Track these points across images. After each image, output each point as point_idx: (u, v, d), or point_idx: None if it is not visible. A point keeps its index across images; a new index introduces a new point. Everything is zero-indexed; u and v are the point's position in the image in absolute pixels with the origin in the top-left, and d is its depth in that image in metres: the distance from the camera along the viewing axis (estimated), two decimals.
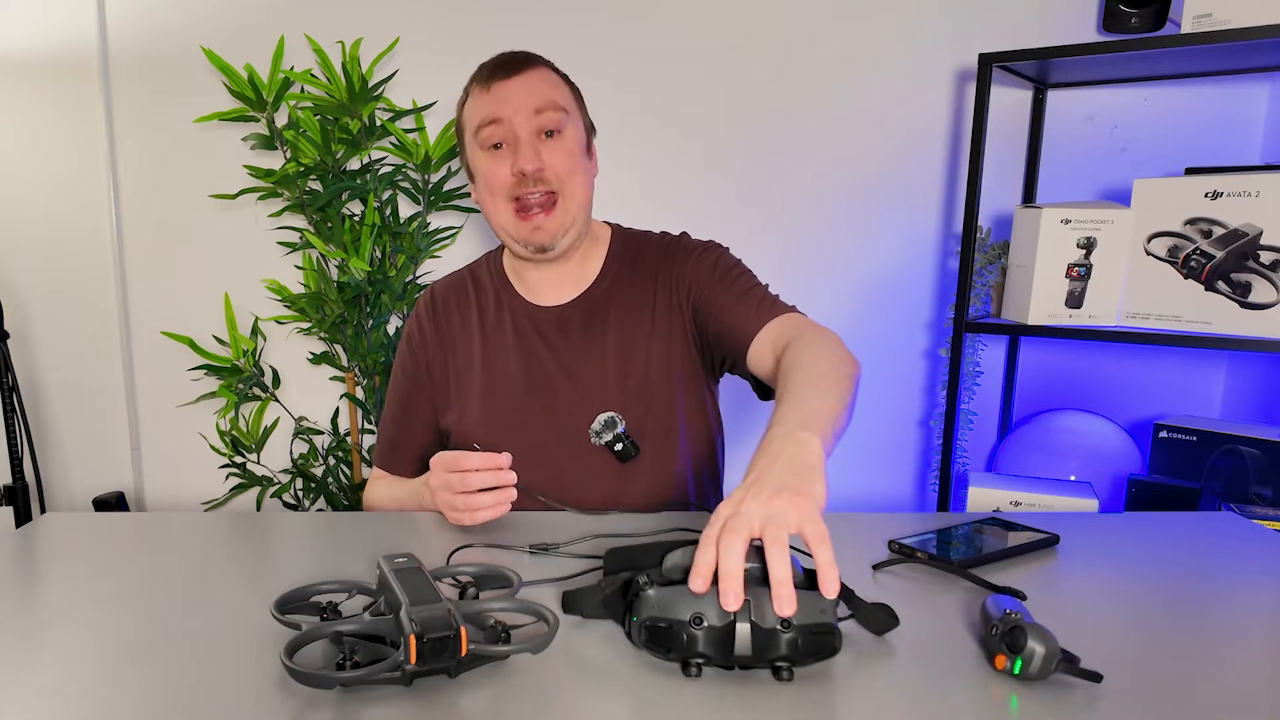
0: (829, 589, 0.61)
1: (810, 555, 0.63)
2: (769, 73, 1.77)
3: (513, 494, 0.93)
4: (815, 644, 0.61)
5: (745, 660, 0.61)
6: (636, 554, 0.74)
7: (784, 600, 0.59)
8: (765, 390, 1.09)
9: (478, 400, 1.14)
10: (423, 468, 1.11)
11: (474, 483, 0.92)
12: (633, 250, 1.17)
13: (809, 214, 1.82)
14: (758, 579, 0.62)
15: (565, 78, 1.12)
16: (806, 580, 0.64)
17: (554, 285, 1.15)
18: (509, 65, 1.07)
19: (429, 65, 1.76)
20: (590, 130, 1.14)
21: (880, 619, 0.68)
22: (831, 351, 0.91)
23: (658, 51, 1.76)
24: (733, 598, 0.59)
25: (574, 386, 1.11)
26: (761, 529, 0.62)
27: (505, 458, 0.92)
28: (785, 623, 0.61)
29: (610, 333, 1.12)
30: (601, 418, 1.09)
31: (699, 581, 0.61)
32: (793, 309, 1.06)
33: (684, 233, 1.20)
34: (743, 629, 0.61)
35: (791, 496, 0.64)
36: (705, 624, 0.61)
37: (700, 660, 0.61)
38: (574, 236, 1.10)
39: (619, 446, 1.08)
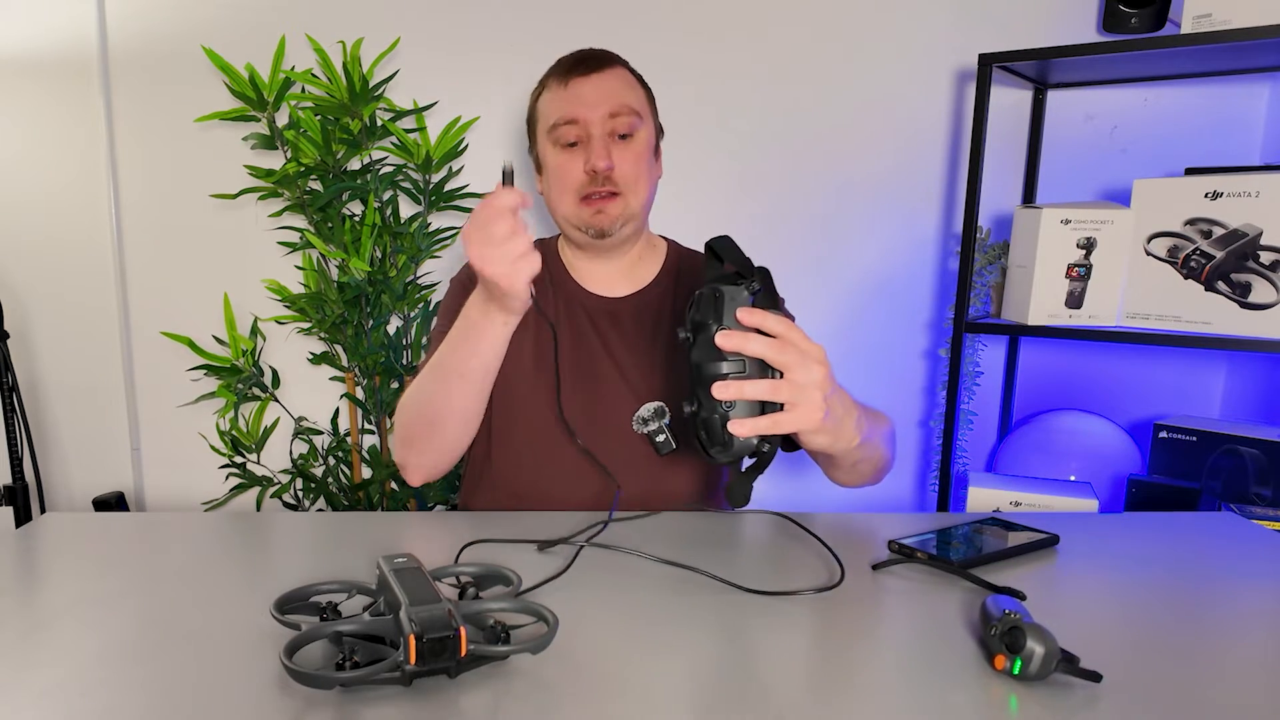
0: (738, 428, 0.75)
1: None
2: (769, 73, 1.77)
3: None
4: (720, 431, 0.76)
5: (699, 370, 0.78)
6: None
7: (729, 388, 0.75)
8: (789, 443, 1.09)
9: (514, 378, 1.13)
10: None
11: (513, 227, 0.83)
12: (690, 265, 1.19)
13: (809, 214, 1.82)
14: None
15: (640, 79, 1.14)
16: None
17: (609, 279, 1.16)
18: (588, 63, 1.09)
19: (430, 65, 1.76)
20: (659, 133, 1.17)
21: (736, 491, 0.81)
22: (880, 418, 1.02)
23: (658, 52, 1.76)
24: (726, 339, 0.75)
25: (619, 375, 1.12)
26: (798, 392, 0.75)
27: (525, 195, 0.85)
28: (728, 404, 0.76)
29: (660, 339, 1.14)
30: (651, 405, 1.10)
31: (727, 339, 0.75)
32: None
33: None
34: (718, 368, 0.76)
35: (825, 410, 0.77)
36: (711, 334, 0.76)
37: (688, 336, 0.79)
38: (632, 229, 1.12)
39: (661, 437, 1.08)
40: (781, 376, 0.76)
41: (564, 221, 1.13)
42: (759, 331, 0.76)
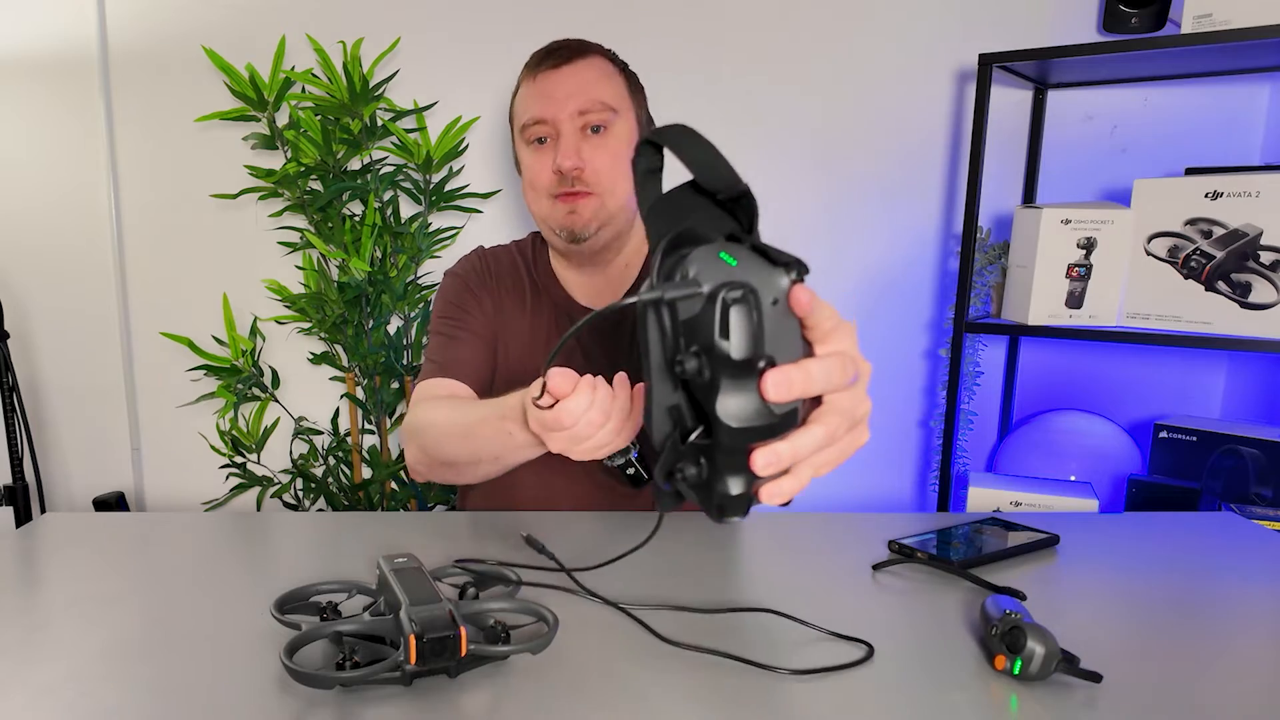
0: (772, 389, 0.45)
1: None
2: (768, 73, 1.77)
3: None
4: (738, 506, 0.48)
5: (717, 382, 0.46)
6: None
7: (783, 387, 0.46)
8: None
9: (505, 383, 1.11)
10: (480, 372, 1.06)
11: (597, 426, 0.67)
12: None
13: (808, 214, 1.82)
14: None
15: (621, 67, 1.08)
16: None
17: (597, 290, 1.12)
18: (557, 54, 1.03)
19: (430, 65, 1.76)
20: (647, 124, 1.10)
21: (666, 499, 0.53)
22: None
23: (658, 51, 1.76)
24: (783, 390, 0.45)
25: None
26: (840, 399, 0.50)
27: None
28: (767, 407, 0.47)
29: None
30: None
31: (785, 386, 0.45)
32: None
33: None
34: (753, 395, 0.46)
35: (864, 429, 0.53)
36: (737, 297, 0.45)
37: (700, 367, 0.46)
38: (611, 234, 1.06)
39: (631, 471, 1.01)
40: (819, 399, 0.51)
41: (541, 224, 1.08)
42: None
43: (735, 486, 0.49)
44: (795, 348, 0.48)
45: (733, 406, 0.46)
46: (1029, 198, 1.79)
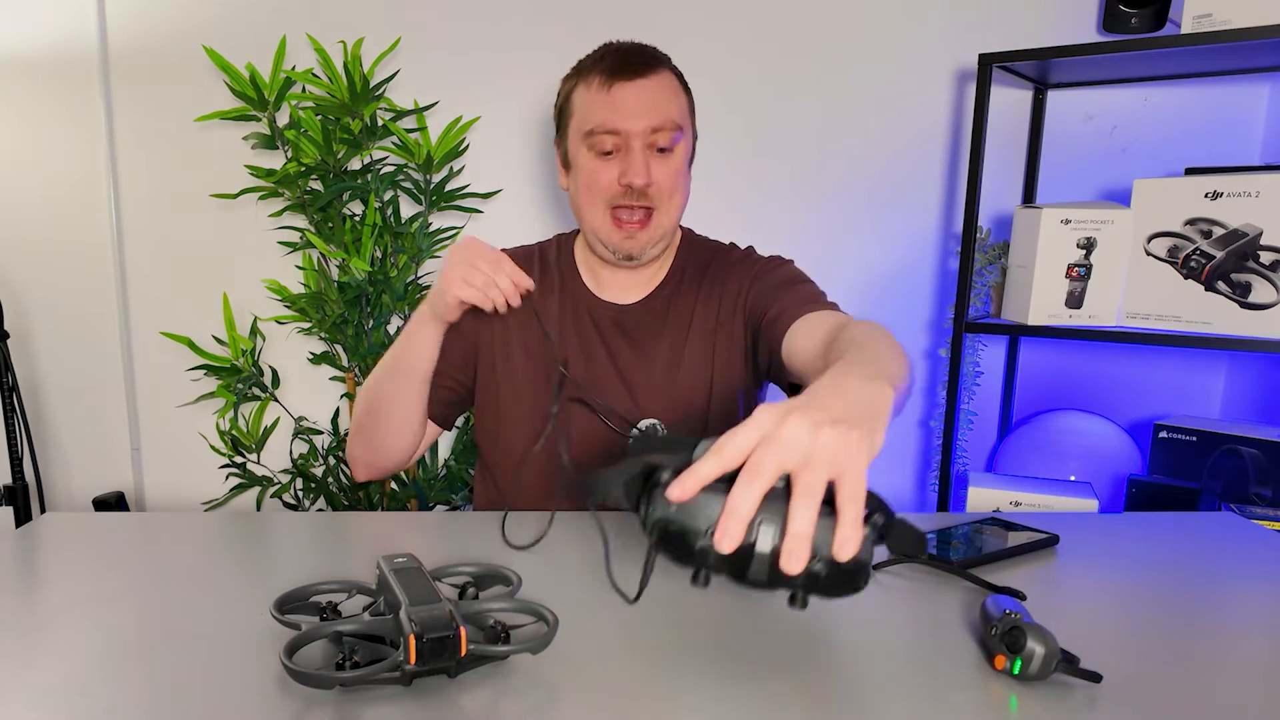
0: (842, 551, 0.52)
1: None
2: (768, 73, 1.77)
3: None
4: (839, 579, 0.54)
5: (759, 583, 0.54)
6: (668, 444, 0.63)
7: (794, 556, 0.51)
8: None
9: (520, 380, 1.12)
10: (448, 371, 1.12)
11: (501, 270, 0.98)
12: (699, 259, 1.16)
13: (808, 214, 1.82)
14: (785, 498, 0.53)
15: (683, 83, 1.11)
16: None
17: (623, 286, 1.14)
18: (633, 67, 1.04)
19: (430, 65, 1.76)
20: (695, 138, 1.14)
21: (910, 540, 0.59)
22: (888, 336, 0.82)
23: None
24: (729, 542, 0.52)
25: (623, 387, 1.11)
26: (797, 468, 0.52)
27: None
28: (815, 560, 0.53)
29: (664, 340, 1.12)
30: (643, 424, 1.08)
31: (677, 490, 0.53)
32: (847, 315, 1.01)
33: (750, 247, 1.20)
34: (761, 554, 0.53)
35: (846, 431, 0.53)
36: (709, 536, 0.54)
37: (710, 572, 0.55)
38: (660, 249, 1.11)
39: None
40: (787, 481, 0.54)
41: (591, 234, 1.10)
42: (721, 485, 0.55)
43: (761, 570, 0.55)
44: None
45: (729, 566, 0.55)
46: (1029, 198, 1.79)
